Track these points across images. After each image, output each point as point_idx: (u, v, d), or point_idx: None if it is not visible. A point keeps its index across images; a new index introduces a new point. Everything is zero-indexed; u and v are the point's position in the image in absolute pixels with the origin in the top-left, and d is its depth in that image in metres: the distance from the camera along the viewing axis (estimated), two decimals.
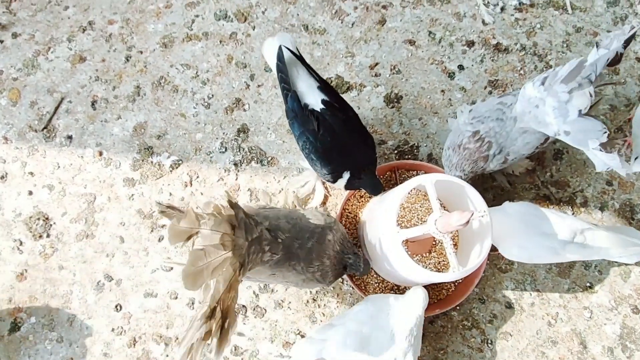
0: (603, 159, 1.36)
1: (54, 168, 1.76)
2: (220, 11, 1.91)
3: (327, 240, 1.27)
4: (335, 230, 1.31)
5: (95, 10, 1.91)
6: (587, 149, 1.37)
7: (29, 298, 1.64)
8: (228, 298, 1.05)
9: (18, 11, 1.91)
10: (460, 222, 1.17)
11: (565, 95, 1.34)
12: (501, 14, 1.92)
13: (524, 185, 1.77)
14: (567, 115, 1.34)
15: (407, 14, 1.92)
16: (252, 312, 1.63)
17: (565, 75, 1.36)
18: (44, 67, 1.85)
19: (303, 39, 1.88)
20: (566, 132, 1.36)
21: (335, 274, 1.33)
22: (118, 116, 1.81)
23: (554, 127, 1.36)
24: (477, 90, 1.84)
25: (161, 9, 1.91)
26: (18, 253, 1.67)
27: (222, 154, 1.78)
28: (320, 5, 1.92)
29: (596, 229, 1.48)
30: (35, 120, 1.80)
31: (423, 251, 1.63)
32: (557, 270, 1.71)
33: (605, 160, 1.36)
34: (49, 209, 1.71)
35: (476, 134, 1.45)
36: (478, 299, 1.68)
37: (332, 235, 1.29)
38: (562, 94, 1.34)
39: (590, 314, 1.67)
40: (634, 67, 1.87)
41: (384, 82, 1.85)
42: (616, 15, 1.92)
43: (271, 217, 1.28)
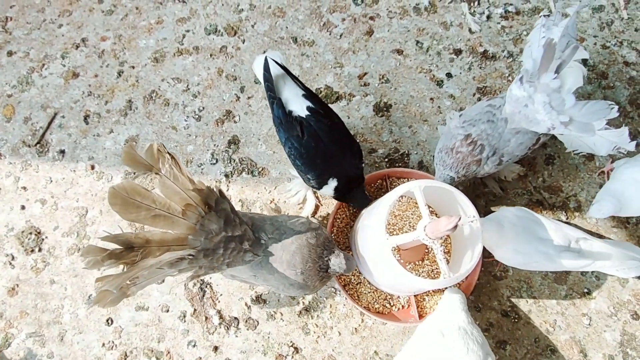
0: (610, 138, 1.33)
1: (46, 182, 1.77)
2: (211, 26, 1.95)
3: (309, 244, 1.27)
4: (319, 234, 1.31)
5: (88, 27, 1.95)
6: (591, 134, 1.33)
7: (20, 313, 1.63)
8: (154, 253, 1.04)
9: (13, 30, 1.95)
10: (449, 226, 1.16)
11: (556, 82, 1.32)
12: (487, 22, 1.94)
13: (516, 190, 1.76)
14: (564, 104, 1.31)
15: (395, 25, 1.94)
16: (245, 324, 1.62)
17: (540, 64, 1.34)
18: (38, 83, 1.88)
19: (292, 51, 1.91)
20: (564, 122, 1.32)
21: (320, 277, 1.32)
22: (110, 130, 1.83)
23: (547, 123, 1.34)
24: (466, 98, 1.85)
25: (153, 25, 1.95)
26: (10, 268, 1.67)
27: (213, 165, 1.78)
28: (308, 18, 1.95)
29: (592, 240, 1.46)
30: (29, 135, 1.82)
31: (416, 259, 1.61)
32: (554, 276, 1.68)
33: (613, 138, 1.32)
34: (41, 223, 1.72)
35: (468, 137, 1.44)
36: (473, 307, 1.65)
37: (315, 239, 1.29)
38: (553, 81, 1.32)
39: (589, 320, 1.65)
40: (622, 71, 1.88)
41: (373, 91, 1.86)
42: (602, 21, 1.93)
43: (256, 219, 1.29)
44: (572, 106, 1.31)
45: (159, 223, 1.05)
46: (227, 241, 1.12)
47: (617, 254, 1.44)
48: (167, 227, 1.07)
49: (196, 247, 1.08)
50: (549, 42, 1.32)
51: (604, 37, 1.92)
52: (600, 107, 1.30)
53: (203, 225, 1.08)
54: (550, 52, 1.33)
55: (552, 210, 1.73)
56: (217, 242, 1.10)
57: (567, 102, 1.30)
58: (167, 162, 1.05)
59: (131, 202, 1.02)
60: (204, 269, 1.13)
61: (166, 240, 1.07)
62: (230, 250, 1.13)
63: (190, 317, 1.62)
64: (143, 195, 1.03)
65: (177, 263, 1.06)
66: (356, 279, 1.60)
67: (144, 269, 1.02)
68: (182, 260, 1.06)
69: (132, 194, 1.02)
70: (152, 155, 1.05)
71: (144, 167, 1.05)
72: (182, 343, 1.60)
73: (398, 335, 1.61)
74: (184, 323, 1.62)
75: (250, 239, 1.19)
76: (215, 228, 1.09)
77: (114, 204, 1.01)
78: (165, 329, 1.61)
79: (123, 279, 1.02)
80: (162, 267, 1.04)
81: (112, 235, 1.02)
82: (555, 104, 1.31)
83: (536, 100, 1.33)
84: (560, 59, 1.33)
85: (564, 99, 1.30)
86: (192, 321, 1.62)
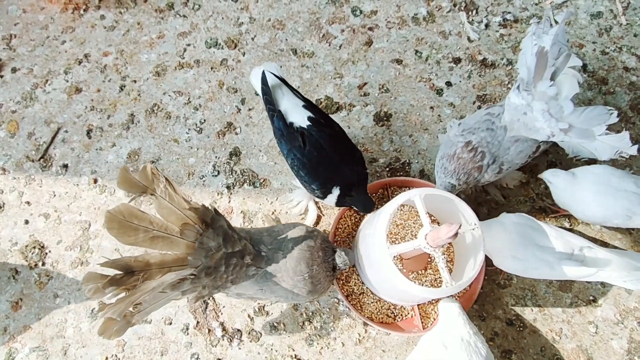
0: (611, 143, 1.32)
1: (50, 197, 1.78)
2: (211, 39, 1.97)
3: (310, 247, 1.27)
4: (316, 236, 1.32)
5: (91, 43, 1.98)
6: (591, 140, 1.33)
7: (24, 327, 1.64)
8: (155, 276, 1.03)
9: (17, 47, 1.98)
10: (449, 234, 1.15)
11: (552, 89, 1.32)
12: (486, 30, 1.95)
13: (518, 198, 1.75)
14: (562, 111, 1.31)
15: (393, 35, 1.96)
16: (248, 336, 1.61)
17: (534, 72, 1.35)
18: (42, 99, 1.91)
19: (292, 62, 1.92)
20: (564, 129, 1.32)
21: (327, 277, 1.33)
22: (113, 144, 1.84)
23: (547, 131, 1.34)
24: (466, 106, 1.85)
25: (154, 40, 1.97)
26: (14, 282, 1.68)
27: (215, 177, 1.79)
28: (308, 29, 1.97)
29: (597, 248, 1.43)
30: (33, 150, 1.84)
31: (419, 268, 1.60)
32: (558, 284, 1.67)
33: (614, 143, 1.31)
34: (44, 237, 1.73)
35: (469, 144, 1.44)
36: (478, 316, 1.64)
37: (313, 242, 1.29)
38: (549, 88, 1.32)
39: (595, 328, 1.63)
40: (622, 77, 1.88)
41: (373, 101, 1.87)
42: (600, 27, 1.94)
43: (253, 232, 1.29)
44: (571, 113, 1.31)
45: (157, 244, 1.05)
46: (228, 257, 1.12)
47: (623, 264, 1.40)
48: (166, 248, 1.06)
49: (197, 266, 1.07)
50: (540, 51, 1.33)
51: (603, 43, 1.92)
52: (599, 112, 1.30)
53: (202, 243, 1.08)
54: (543, 60, 1.33)
55: (555, 218, 1.72)
56: (218, 259, 1.10)
57: (566, 108, 1.30)
58: (161, 182, 1.05)
59: (128, 225, 1.01)
60: (207, 288, 1.13)
61: (166, 261, 1.06)
62: (232, 267, 1.13)
63: (193, 329, 1.62)
64: (140, 217, 1.03)
65: (179, 284, 1.05)
66: (359, 289, 1.60)
67: (146, 292, 1.01)
68: (184, 280, 1.06)
69: (129, 217, 1.01)
70: (147, 176, 1.04)
71: (139, 189, 1.05)
72: (185, 356, 1.60)
73: (402, 346, 1.60)
74: (187, 336, 1.61)
75: (251, 253, 1.20)
76: (215, 245, 1.09)
77: (111, 229, 1.01)
78: (168, 341, 1.61)
79: (126, 304, 1.01)
80: (165, 290, 1.03)
81: (110, 260, 1.02)
82: (553, 111, 1.31)
83: (534, 108, 1.33)
84: (554, 66, 1.33)
85: (562, 105, 1.30)
86: (195, 334, 1.61)
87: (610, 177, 1.43)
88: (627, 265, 1.41)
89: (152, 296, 1.03)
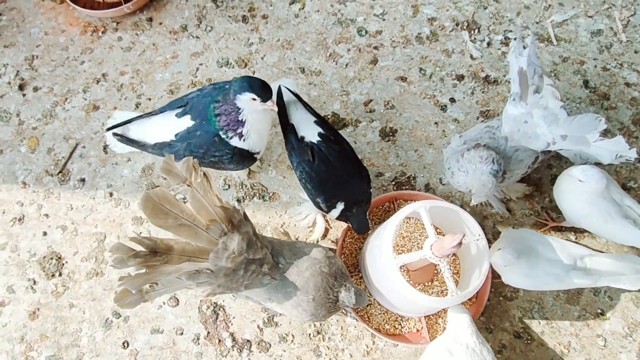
0: (609, 147, 1.36)
1: (67, 209, 1.85)
2: (223, 59, 2.05)
3: (322, 272, 1.29)
4: (332, 263, 1.33)
5: (108, 63, 2.07)
6: (587, 146, 1.37)
7: (40, 336, 1.68)
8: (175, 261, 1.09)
9: (39, 67, 2.08)
10: (453, 244, 1.19)
11: (543, 100, 1.37)
12: (488, 48, 2.01)
13: (523, 211, 1.78)
14: (558, 119, 1.36)
15: (398, 53, 2.02)
16: (257, 346, 1.64)
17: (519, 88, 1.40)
18: (61, 116, 1.99)
19: (300, 80, 2.00)
20: (563, 136, 1.36)
21: (328, 308, 1.32)
22: (128, 159, 1.91)
23: (548, 137, 1.38)
24: (470, 121, 1.90)
25: (168, 60, 2.06)
26: (31, 292, 1.74)
27: (226, 190, 1.85)
28: (315, 49, 2.05)
29: (597, 255, 1.47)
30: (52, 165, 1.92)
31: (425, 280, 1.63)
32: (565, 297, 1.68)
33: (611, 147, 1.35)
34: (61, 248, 1.79)
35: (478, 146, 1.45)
36: (485, 329, 1.65)
37: (328, 268, 1.30)
38: (541, 100, 1.38)
39: (604, 342, 1.63)
40: (624, 92, 1.92)
41: (378, 117, 1.93)
42: (601, 44, 1.99)
43: (275, 244, 1.32)
44: (564, 121, 1.35)
45: (183, 232, 1.11)
46: (248, 263, 1.16)
47: (623, 267, 1.45)
48: (191, 238, 1.12)
49: (217, 264, 1.12)
50: (520, 70, 1.40)
51: (604, 60, 1.97)
52: (589, 120, 1.35)
53: (225, 244, 1.12)
54: (524, 79, 1.40)
55: (560, 231, 1.74)
56: (239, 263, 1.14)
57: (560, 116, 1.35)
58: (199, 177, 1.12)
59: (160, 209, 1.08)
60: (221, 287, 1.17)
61: (187, 250, 1.12)
62: (250, 273, 1.17)
63: (203, 339, 1.65)
64: (173, 203, 1.10)
65: (195, 275, 1.10)
66: None
67: (163, 274, 1.07)
68: (200, 273, 1.10)
69: (163, 201, 1.09)
70: (188, 168, 1.12)
71: (178, 178, 1.12)
72: None
73: (409, 357, 1.62)
74: (198, 346, 1.64)
75: (269, 263, 1.23)
76: (238, 248, 1.13)
77: (145, 208, 1.08)
78: (179, 351, 1.64)
79: (143, 280, 1.08)
80: (181, 277, 1.08)
81: (140, 237, 1.09)
82: (550, 119, 1.36)
83: (535, 115, 1.38)
84: (533, 84, 1.40)
85: (557, 114, 1.35)
86: (206, 344, 1.64)
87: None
88: (627, 268, 1.46)
89: (168, 280, 1.09)
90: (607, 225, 1.46)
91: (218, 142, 1.42)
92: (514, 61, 1.44)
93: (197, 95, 1.46)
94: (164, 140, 1.46)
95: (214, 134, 1.40)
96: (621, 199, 1.47)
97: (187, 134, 1.43)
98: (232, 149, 1.43)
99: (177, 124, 1.45)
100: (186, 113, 1.44)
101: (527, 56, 1.41)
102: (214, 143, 1.42)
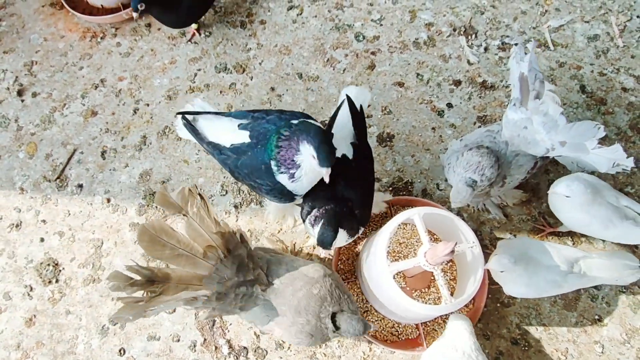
0: (606, 155, 1.36)
1: (64, 215, 1.85)
2: (220, 64, 2.06)
3: (313, 294, 1.23)
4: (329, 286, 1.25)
5: (107, 69, 2.08)
6: (586, 153, 1.37)
7: (36, 344, 1.68)
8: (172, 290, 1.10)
9: (38, 73, 2.09)
10: (446, 251, 1.19)
11: (544, 105, 1.38)
12: (485, 53, 2.01)
13: (520, 217, 1.77)
14: (557, 125, 1.36)
15: (395, 59, 2.03)
16: (254, 353, 1.64)
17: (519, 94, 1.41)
18: (59, 122, 2.00)
19: (298, 86, 2.00)
20: (562, 142, 1.36)
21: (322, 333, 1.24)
22: (126, 164, 1.92)
23: (547, 143, 1.38)
24: (467, 126, 1.90)
25: (166, 65, 2.07)
26: (28, 299, 1.74)
27: (223, 196, 1.85)
28: (313, 54, 2.05)
29: (590, 257, 1.48)
30: (50, 171, 1.92)
31: (422, 287, 1.63)
32: (563, 303, 1.67)
33: (609, 155, 1.35)
34: (58, 254, 1.79)
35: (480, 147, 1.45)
36: (482, 335, 1.65)
37: (319, 290, 1.23)
38: (541, 105, 1.38)
39: (602, 348, 1.62)
40: (621, 97, 1.91)
41: (375, 122, 1.93)
42: (598, 49, 1.99)
43: (273, 262, 1.30)
44: (564, 127, 1.36)
45: (181, 262, 1.13)
46: (238, 285, 1.16)
47: (615, 265, 1.48)
48: (189, 267, 1.14)
49: (210, 289, 1.13)
50: (521, 76, 1.40)
51: (601, 65, 1.97)
52: (587, 127, 1.35)
53: (218, 270, 1.14)
54: (525, 85, 1.40)
55: (557, 236, 1.74)
56: (229, 286, 1.15)
57: (560, 122, 1.35)
58: (195, 205, 1.14)
59: (157, 241, 1.10)
60: (217, 310, 1.18)
61: (184, 278, 1.13)
62: (241, 295, 1.17)
63: (200, 346, 1.65)
64: (169, 234, 1.11)
65: (192, 301, 1.12)
66: (363, 307, 1.62)
67: (161, 303, 1.08)
68: (197, 300, 1.12)
69: (159, 233, 1.10)
70: (184, 197, 1.14)
71: (174, 209, 1.14)
72: None
73: None
74: (194, 353, 1.64)
75: (262, 284, 1.22)
76: (229, 273, 1.14)
77: (142, 241, 1.10)
78: (176, 358, 1.64)
79: (140, 308, 1.09)
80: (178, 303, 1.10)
81: (137, 266, 1.10)
82: (549, 126, 1.36)
83: (535, 121, 1.38)
84: (534, 90, 1.39)
85: (557, 119, 1.35)
86: (202, 351, 1.64)
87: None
88: (618, 266, 1.48)
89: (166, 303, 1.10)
90: (608, 231, 1.47)
91: (264, 171, 1.37)
92: (514, 67, 1.44)
93: (261, 117, 1.43)
94: (219, 143, 1.45)
95: (263, 162, 1.36)
96: (617, 200, 1.47)
97: (240, 149, 1.41)
98: (275, 183, 1.39)
99: (236, 135, 1.43)
100: (246, 129, 1.42)
101: (528, 62, 1.40)
102: (260, 170, 1.38)
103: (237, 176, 1.47)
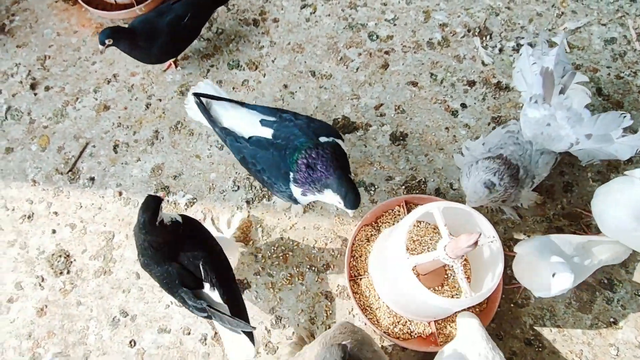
0: (631, 143, 1.37)
1: (76, 208, 1.85)
2: (233, 61, 2.06)
3: None
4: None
5: (119, 64, 2.08)
6: (610, 144, 1.37)
7: (48, 333, 1.67)
8: None
9: (51, 67, 2.10)
10: (469, 243, 1.17)
11: (567, 101, 1.37)
12: (500, 54, 2.01)
13: (535, 218, 1.76)
14: (582, 119, 1.36)
15: (409, 58, 2.03)
16: (264, 348, 1.62)
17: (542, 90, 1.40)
18: (72, 115, 2.00)
19: (311, 84, 2.00)
20: (587, 135, 1.36)
21: None
22: (137, 159, 1.92)
23: (572, 137, 1.38)
24: (481, 127, 1.90)
25: (179, 61, 2.07)
26: (39, 289, 1.73)
27: (235, 192, 1.85)
28: (326, 52, 2.05)
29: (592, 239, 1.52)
30: (62, 163, 1.92)
31: (435, 284, 1.62)
32: (578, 305, 1.66)
33: (633, 142, 1.37)
34: (70, 246, 1.79)
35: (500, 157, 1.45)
36: (495, 335, 1.63)
37: None
38: (565, 100, 1.38)
39: (616, 351, 1.60)
40: (638, 100, 1.91)
41: (389, 121, 1.92)
42: (614, 52, 1.98)
43: None
44: (588, 120, 1.35)
45: None
46: None
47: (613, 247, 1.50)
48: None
49: None
50: (545, 70, 1.39)
51: (618, 68, 1.96)
52: (613, 117, 1.35)
53: None
54: (550, 79, 1.39)
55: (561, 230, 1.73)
56: None
57: (584, 116, 1.35)
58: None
59: None
60: None
61: None
62: None
63: (210, 340, 1.64)
64: None
65: None
66: (375, 303, 1.61)
67: None
68: None
69: None
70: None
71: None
72: None
73: None
74: (205, 346, 1.63)
75: None
76: None
77: None
78: (186, 351, 1.63)
79: None
80: None
81: None
82: (574, 120, 1.36)
83: (559, 117, 1.37)
84: (560, 84, 1.39)
85: (581, 113, 1.35)
86: (213, 344, 1.63)
87: None
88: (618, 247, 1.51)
89: None
90: None
91: (282, 174, 1.39)
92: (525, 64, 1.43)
93: (290, 119, 1.43)
94: (235, 132, 1.45)
95: (284, 169, 1.38)
96: None
97: (262, 142, 1.41)
98: (286, 189, 1.41)
99: (256, 128, 1.43)
100: (270, 127, 1.42)
101: (555, 55, 1.40)
102: (277, 171, 1.40)
103: (250, 167, 1.47)
